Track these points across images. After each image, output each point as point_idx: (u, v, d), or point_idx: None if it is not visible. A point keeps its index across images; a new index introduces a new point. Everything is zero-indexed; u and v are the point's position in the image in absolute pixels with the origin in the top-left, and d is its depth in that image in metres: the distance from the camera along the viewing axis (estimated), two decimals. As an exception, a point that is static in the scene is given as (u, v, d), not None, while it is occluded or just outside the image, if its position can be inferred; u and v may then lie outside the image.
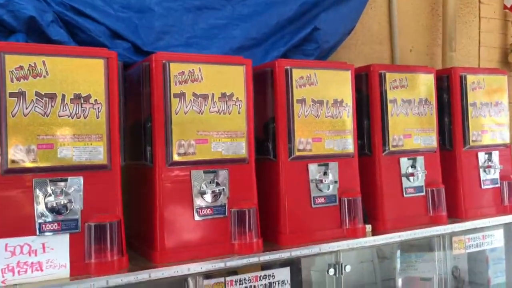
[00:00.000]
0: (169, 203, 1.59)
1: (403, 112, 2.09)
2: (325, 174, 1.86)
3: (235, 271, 1.70)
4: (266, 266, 1.73)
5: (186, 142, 1.61)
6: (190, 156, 1.61)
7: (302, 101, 1.82)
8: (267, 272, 1.70)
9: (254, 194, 1.72)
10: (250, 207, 1.67)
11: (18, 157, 1.38)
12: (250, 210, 1.67)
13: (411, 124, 2.11)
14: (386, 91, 2.05)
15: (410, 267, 2.30)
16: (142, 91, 1.66)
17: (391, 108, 2.05)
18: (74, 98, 1.45)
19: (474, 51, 3.15)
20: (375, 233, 1.97)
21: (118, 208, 1.51)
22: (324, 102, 1.87)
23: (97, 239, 1.45)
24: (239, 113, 1.69)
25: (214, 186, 1.64)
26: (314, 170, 1.84)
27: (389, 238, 1.94)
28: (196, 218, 1.62)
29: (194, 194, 1.62)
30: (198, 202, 1.62)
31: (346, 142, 1.91)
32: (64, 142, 1.43)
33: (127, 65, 1.83)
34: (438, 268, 2.23)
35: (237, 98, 1.69)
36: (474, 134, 2.28)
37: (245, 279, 1.65)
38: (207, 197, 1.63)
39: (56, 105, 1.43)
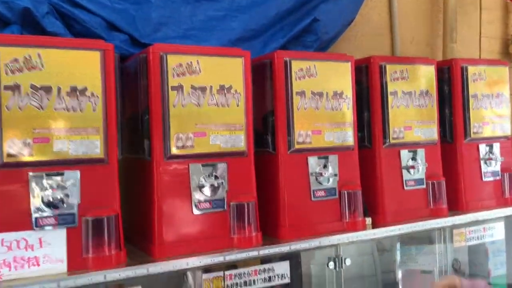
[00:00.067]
0: (167, 197, 1.57)
1: (404, 104, 2.07)
2: (325, 167, 1.84)
3: (235, 265, 1.69)
4: (265, 260, 1.72)
5: (184, 135, 1.59)
6: (188, 149, 1.59)
7: (302, 93, 1.80)
8: (267, 266, 1.69)
9: (253, 187, 1.70)
10: (249, 201, 1.66)
11: (13, 151, 1.36)
12: (249, 203, 1.66)
13: (412, 116, 2.09)
14: (386, 83, 2.03)
15: (410, 260, 2.29)
16: (139, 84, 1.64)
17: (392, 100, 2.03)
18: (70, 91, 1.43)
19: (475, 42, 3.12)
20: (375, 226, 1.96)
21: (116, 202, 1.50)
22: (323, 94, 1.85)
23: (94, 234, 1.43)
24: (238, 105, 1.67)
25: (213, 179, 1.62)
26: (313, 163, 1.82)
27: (389, 231, 1.92)
28: (194, 212, 1.60)
29: (193, 188, 1.60)
30: (197, 196, 1.60)
31: (346, 135, 1.89)
32: (60, 136, 1.41)
33: (124, 57, 1.80)
34: (439, 260, 2.22)
35: (235, 91, 1.67)
36: (475, 126, 2.27)
37: (244, 273, 1.64)
38: (206, 190, 1.61)
39: (52, 98, 1.40)
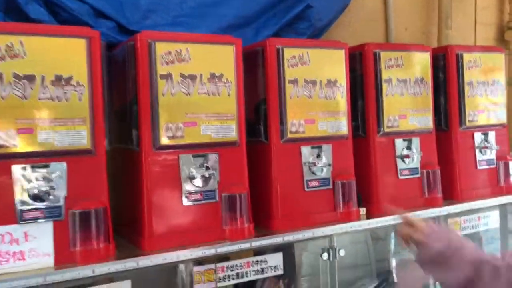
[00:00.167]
0: (157, 189, 1.54)
1: (398, 92, 2.03)
2: (318, 156, 1.81)
3: (227, 257, 1.66)
4: (259, 252, 1.69)
5: (174, 125, 1.55)
6: (178, 139, 1.56)
7: (294, 81, 1.76)
8: (259, 257, 1.67)
9: (245, 178, 1.67)
10: (241, 192, 1.63)
11: (-4, 142, 1.32)
12: (241, 194, 1.62)
13: (407, 104, 2.05)
14: (380, 71, 1.99)
15: (405, 249, 2.26)
16: (127, 72, 1.59)
17: (386, 88, 2.00)
18: (54, 80, 1.38)
19: (470, 29, 3.08)
20: (370, 216, 1.94)
21: (104, 194, 1.46)
22: (317, 82, 1.81)
23: (82, 227, 1.39)
24: (229, 94, 1.63)
25: (204, 170, 1.59)
26: (307, 152, 1.79)
27: (383, 222, 1.90)
28: (185, 203, 1.57)
29: (183, 179, 1.57)
30: (187, 187, 1.57)
31: (340, 124, 1.86)
32: (45, 126, 1.37)
33: (112, 45, 1.75)
34: (433, 250, 2.20)
35: (226, 79, 1.63)
36: (471, 114, 2.24)
37: (236, 265, 1.62)
38: (197, 181, 1.58)
39: (35, 87, 1.36)
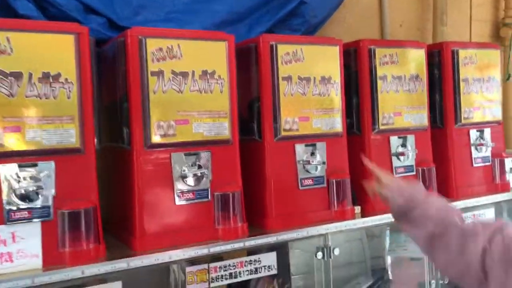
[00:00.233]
0: (148, 188, 1.51)
1: (393, 89, 2.01)
2: (312, 154, 1.78)
3: (221, 257, 1.63)
4: (252, 251, 1.67)
5: (165, 123, 1.52)
6: (170, 137, 1.53)
7: (288, 78, 1.74)
8: (253, 257, 1.64)
9: (239, 176, 1.64)
10: (234, 191, 1.60)
11: (-18, 141, 1.28)
12: (235, 193, 1.60)
13: (402, 101, 2.03)
14: (375, 67, 1.96)
15: (400, 247, 2.26)
16: (117, 69, 1.56)
17: (381, 84, 1.98)
18: (42, 77, 1.34)
19: (465, 26, 3.07)
20: (365, 214, 1.92)
21: (94, 193, 1.43)
22: (311, 79, 1.78)
23: (71, 227, 1.36)
24: (222, 91, 1.60)
25: (196, 169, 1.56)
26: (301, 150, 1.77)
27: (378, 220, 1.88)
28: (177, 202, 1.54)
29: (175, 178, 1.54)
30: (179, 186, 1.54)
31: (334, 121, 1.84)
32: (32, 125, 1.33)
33: (102, 41, 1.72)
34: (428, 248, 2.19)
35: (219, 76, 1.60)
36: (466, 111, 2.22)
37: (229, 265, 1.59)
38: (189, 180, 1.55)
39: (22, 84, 1.32)
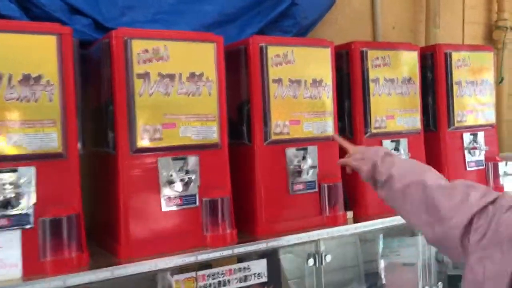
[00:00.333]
0: (134, 193, 1.46)
1: (386, 92, 1.98)
2: (303, 158, 1.74)
3: (210, 265, 1.59)
4: (243, 258, 1.63)
5: (151, 127, 1.47)
6: (156, 142, 1.48)
7: (279, 81, 1.70)
8: (242, 264, 1.60)
9: (228, 181, 1.60)
10: (223, 196, 1.55)
11: (-41, 146, 1.23)
12: (223, 199, 1.55)
13: (394, 104, 2.00)
14: (367, 70, 1.93)
15: (393, 253, 2.22)
16: (102, 71, 1.52)
17: (373, 87, 1.94)
18: (22, 79, 1.30)
19: (458, 28, 3.05)
20: (357, 219, 1.88)
21: (76, 200, 1.38)
22: (302, 82, 1.74)
23: (52, 235, 1.31)
24: (210, 94, 1.56)
25: (184, 174, 1.51)
26: (291, 154, 1.73)
27: (371, 226, 1.84)
28: (164, 208, 1.49)
29: (162, 183, 1.49)
30: (166, 192, 1.50)
31: (325, 125, 1.80)
32: (12, 129, 1.28)
33: (88, 43, 1.67)
34: (422, 253, 2.16)
35: (207, 78, 1.55)
36: (459, 114, 2.19)
37: (218, 273, 1.54)
38: (176, 186, 1.50)
39: (2, 87, 1.27)
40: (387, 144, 1.98)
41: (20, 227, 1.29)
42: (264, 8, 2.11)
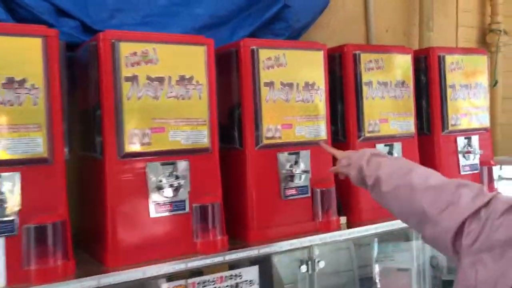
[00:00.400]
0: (122, 199, 1.43)
1: (379, 95, 1.96)
2: (296, 163, 1.72)
3: (201, 272, 1.56)
4: (234, 265, 1.60)
5: (140, 131, 1.44)
6: (145, 146, 1.45)
7: (270, 84, 1.67)
8: (233, 272, 1.56)
9: (218, 187, 1.57)
10: (214, 202, 1.52)
11: None
12: (214, 204, 1.52)
13: (388, 108, 1.98)
14: (361, 73, 1.91)
15: (387, 258, 2.20)
16: (90, 75, 1.48)
17: (367, 91, 1.92)
18: (6, 83, 1.26)
19: (451, 32, 3.04)
20: (350, 225, 1.85)
21: (62, 206, 1.34)
22: (294, 85, 1.72)
23: (37, 243, 1.28)
24: (200, 98, 1.53)
25: (173, 179, 1.48)
26: (284, 159, 1.70)
27: (364, 231, 1.82)
28: (153, 215, 1.46)
29: (151, 189, 1.46)
30: (156, 198, 1.46)
31: (318, 128, 1.77)
32: (-5, 133, 1.25)
33: (76, 45, 1.64)
34: (416, 258, 2.14)
35: (197, 82, 1.53)
36: (453, 117, 2.17)
37: (208, 281, 1.51)
38: (166, 191, 1.47)
39: (-16, 90, 1.24)
40: (381, 148, 1.96)
41: (3, 235, 1.25)
42: (256, 10, 2.09)
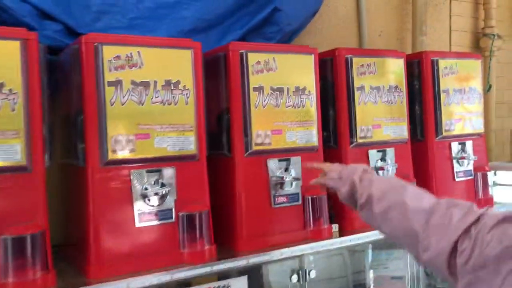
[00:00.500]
0: (105, 208, 1.38)
1: (372, 100, 1.92)
2: (286, 170, 1.67)
3: (189, 283, 1.50)
4: (223, 276, 1.54)
5: (124, 138, 1.39)
6: (129, 153, 1.40)
7: (260, 89, 1.63)
8: (222, 282, 1.51)
9: (206, 195, 1.52)
10: (201, 210, 1.48)
11: None
12: (202, 213, 1.48)
13: (380, 113, 1.94)
14: (353, 77, 1.87)
15: (381, 266, 2.16)
16: (72, 79, 1.44)
17: (359, 96, 1.88)
18: (-17, 88, 1.21)
19: (445, 36, 3.01)
20: (343, 233, 1.81)
21: (42, 216, 1.29)
22: (284, 90, 1.68)
23: (15, 254, 1.22)
24: (187, 103, 1.49)
25: (159, 187, 1.43)
26: (274, 166, 1.65)
27: (357, 239, 1.77)
28: (138, 224, 1.41)
29: (135, 197, 1.41)
30: (140, 206, 1.41)
31: (309, 134, 1.73)
32: (-29, 140, 1.20)
33: (59, 49, 1.59)
34: (410, 266, 2.10)
35: (184, 86, 1.48)
36: (447, 123, 2.14)
37: (195, 292, 1.46)
38: (151, 200, 1.42)
39: (-40, 96, 1.19)
40: (373, 154, 1.92)
41: (-21, 247, 1.20)
42: (246, 14, 2.05)
